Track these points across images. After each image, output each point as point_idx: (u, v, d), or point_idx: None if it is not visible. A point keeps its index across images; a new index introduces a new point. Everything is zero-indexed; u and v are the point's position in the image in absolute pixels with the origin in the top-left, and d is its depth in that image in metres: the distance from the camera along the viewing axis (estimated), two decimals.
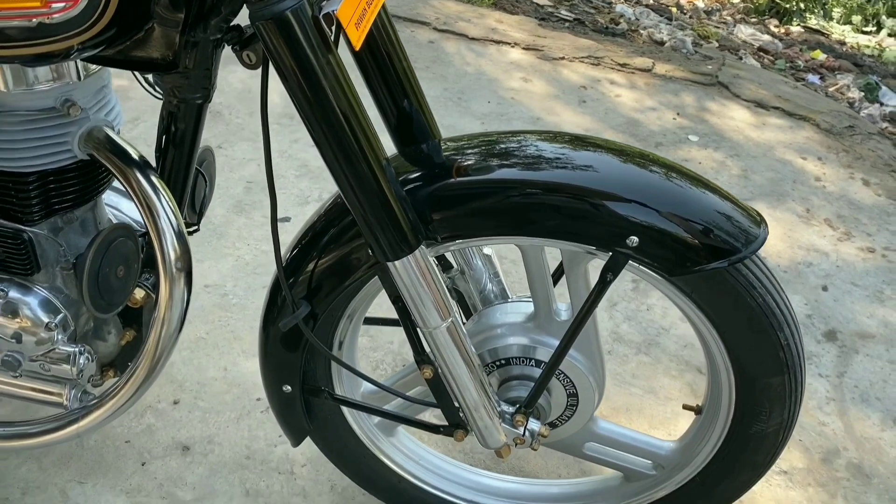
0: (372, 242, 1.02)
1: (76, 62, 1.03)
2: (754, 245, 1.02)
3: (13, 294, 1.16)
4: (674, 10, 4.58)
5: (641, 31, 4.01)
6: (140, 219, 1.12)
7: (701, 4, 4.91)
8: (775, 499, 1.63)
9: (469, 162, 1.05)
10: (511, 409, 1.20)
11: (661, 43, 3.87)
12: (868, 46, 4.73)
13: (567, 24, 3.91)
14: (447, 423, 1.23)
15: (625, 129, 2.97)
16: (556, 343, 1.17)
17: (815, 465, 1.71)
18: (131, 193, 1.07)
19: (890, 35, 4.98)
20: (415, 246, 1.01)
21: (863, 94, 3.92)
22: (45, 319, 1.17)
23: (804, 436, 1.77)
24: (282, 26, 0.85)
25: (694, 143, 2.93)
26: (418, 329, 1.12)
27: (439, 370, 1.14)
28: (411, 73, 1.10)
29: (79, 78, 1.03)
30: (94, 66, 1.05)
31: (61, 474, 1.57)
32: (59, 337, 1.20)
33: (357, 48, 0.91)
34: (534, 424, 1.21)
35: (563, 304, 1.20)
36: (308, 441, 1.37)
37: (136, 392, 1.17)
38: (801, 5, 5.06)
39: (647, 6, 4.50)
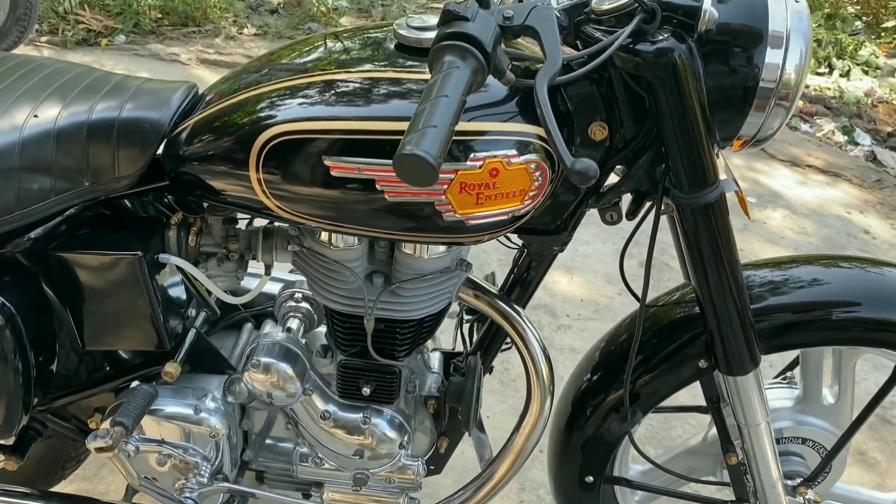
0: (720, 356, 1.24)
1: None
2: None
3: (375, 419, 1.33)
4: None
5: None
6: None
7: None
8: None
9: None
10: (793, 483, 1.43)
11: None
12: (828, 89, 5.17)
13: None
14: (735, 499, 1.45)
15: None
16: (821, 422, 1.41)
17: None
18: (499, 321, 1.27)
19: (841, 75, 5.45)
20: (756, 365, 1.24)
21: (845, 137, 4.33)
22: (399, 439, 1.34)
23: None
24: (703, 213, 1.08)
25: (754, 204, 3.25)
26: (726, 422, 1.34)
27: (746, 456, 1.36)
28: None
29: None
30: None
31: None
32: (405, 453, 1.37)
33: (749, 217, 1.14)
34: (810, 494, 1.43)
35: (827, 391, 1.44)
36: None
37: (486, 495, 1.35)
38: None
39: None
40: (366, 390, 1.30)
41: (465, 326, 1.50)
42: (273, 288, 1.45)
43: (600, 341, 1.46)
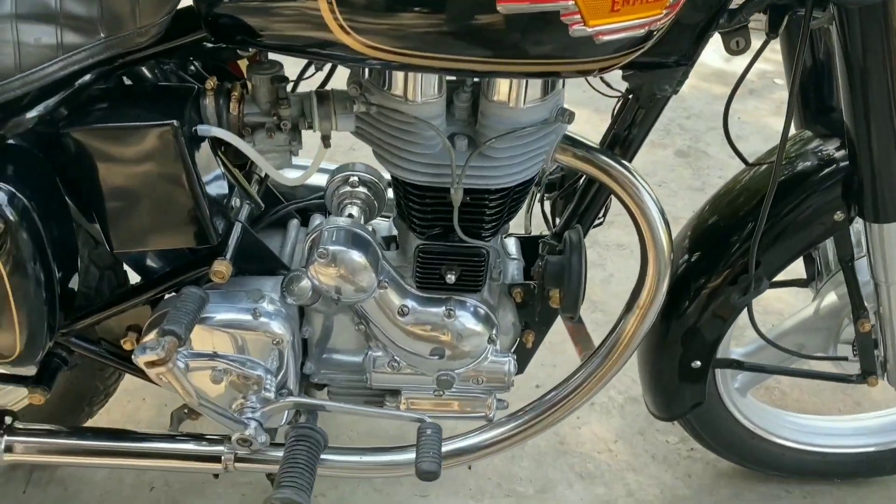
0: (867, 202, 1.06)
1: None
2: None
3: (459, 312, 1.15)
4: None
5: None
6: None
7: None
8: None
9: None
10: None
11: None
12: None
13: None
14: (858, 373, 1.30)
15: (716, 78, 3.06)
16: None
17: None
18: (611, 186, 1.08)
19: None
20: None
21: None
22: (487, 333, 1.16)
23: None
24: (873, 17, 0.88)
25: (779, 86, 3.06)
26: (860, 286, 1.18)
27: (879, 322, 1.20)
28: None
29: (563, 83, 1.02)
30: None
31: (401, 493, 1.55)
32: (494, 348, 1.19)
33: None
34: None
35: None
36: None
37: (598, 385, 1.18)
38: None
39: None
40: (450, 277, 1.11)
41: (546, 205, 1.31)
42: (315, 179, 1.24)
43: (690, 223, 1.30)
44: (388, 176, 1.15)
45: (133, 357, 0.97)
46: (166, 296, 1.14)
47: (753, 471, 1.57)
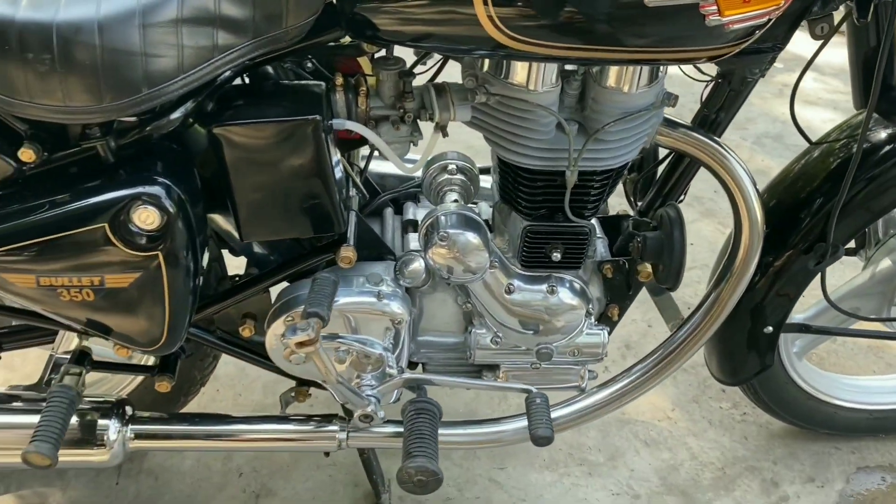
0: None
1: None
2: None
3: (559, 288, 1.22)
4: None
5: None
6: None
7: None
8: None
9: None
10: None
11: None
12: None
13: None
14: None
15: None
16: None
17: None
18: (708, 163, 1.16)
19: None
20: None
21: None
22: (584, 307, 1.24)
23: None
24: None
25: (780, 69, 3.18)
26: None
27: None
28: None
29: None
30: None
31: (479, 466, 1.62)
32: (590, 321, 1.27)
33: None
34: None
35: None
36: None
37: (689, 353, 1.27)
38: None
39: None
40: (556, 255, 1.18)
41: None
42: (393, 170, 1.31)
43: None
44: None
45: (281, 339, 1.03)
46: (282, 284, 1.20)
47: (806, 430, 1.68)
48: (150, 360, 1.37)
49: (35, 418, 1.15)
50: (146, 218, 0.95)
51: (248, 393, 1.76)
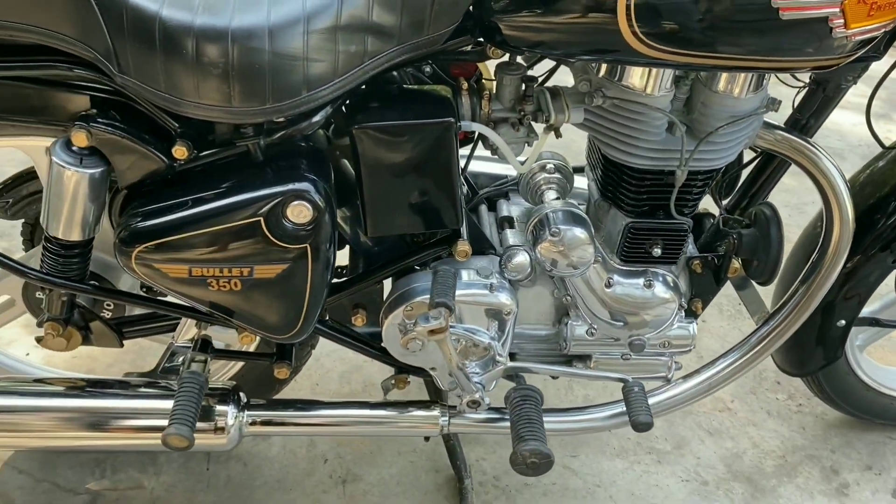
0: None
1: None
2: None
3: (655, 282, 1.29)
4: None
5: None
6: None
7: None
8: None
9: None
10: None
11: None
12: None
13: None
14: None
15: None
16: None
17: None
18: (803, 164, 1.24)
19: None
20: None
21: None
22: (677, 300, 1.31)
23: None
24: None
25: None
26: None
27: None
28: None
29: None
30: None
31: (554, 454, 1.69)
32: (682, 315, 1.34)
33: None
34: None
35: None
36: None
37: (772, 346, 1.34)
38: None
39: None
40: (656, 251, 1.25)
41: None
42: (487, 168, 1.38)
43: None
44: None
45: (417, 325, 1.10)
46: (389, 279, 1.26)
47: (862, 420, 1.76)
48: (252, 348, 1.43)
49: (159, 403, 1.22)
50: (300, 213, 1.02)
51: (325, 382, 1.82)
